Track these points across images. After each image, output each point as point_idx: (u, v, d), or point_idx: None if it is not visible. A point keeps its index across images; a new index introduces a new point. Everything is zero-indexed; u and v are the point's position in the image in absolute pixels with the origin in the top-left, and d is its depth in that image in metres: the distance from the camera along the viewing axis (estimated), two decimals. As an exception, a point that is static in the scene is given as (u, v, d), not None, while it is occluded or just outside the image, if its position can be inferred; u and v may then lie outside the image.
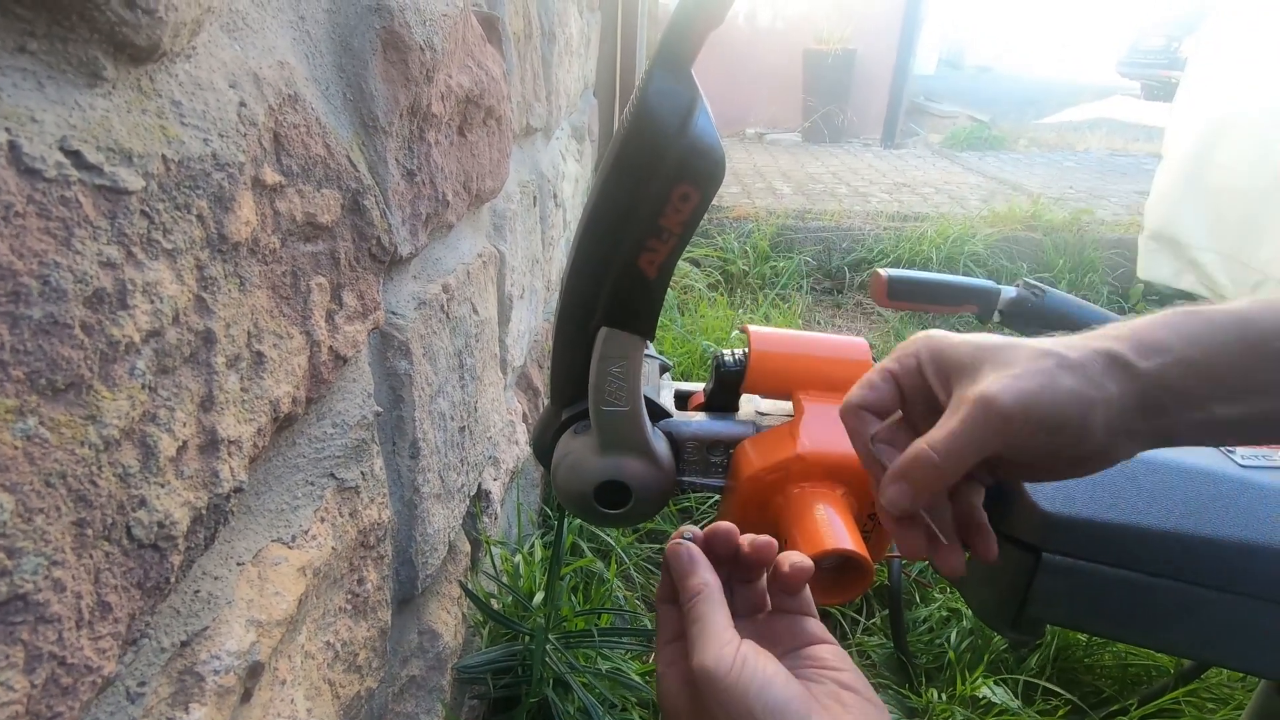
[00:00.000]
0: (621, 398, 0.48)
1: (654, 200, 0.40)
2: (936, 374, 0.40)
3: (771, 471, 0.53)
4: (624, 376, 0.47)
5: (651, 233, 0.41)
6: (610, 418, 0.49)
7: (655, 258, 0.42)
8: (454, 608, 0.76)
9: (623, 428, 0.50)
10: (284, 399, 0.39)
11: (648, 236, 0.42)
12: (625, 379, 0.48)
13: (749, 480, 0.53)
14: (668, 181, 0.40)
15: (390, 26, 0.48)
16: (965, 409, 0.36)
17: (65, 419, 0.25)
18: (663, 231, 0.41)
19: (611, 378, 0.48)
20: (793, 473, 0.52)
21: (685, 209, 0.41)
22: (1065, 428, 0.35)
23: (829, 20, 5.44)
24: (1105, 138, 6.01)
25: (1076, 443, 0.35)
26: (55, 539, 0.24)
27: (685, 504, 1.41)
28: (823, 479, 0.52)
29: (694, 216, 0.41)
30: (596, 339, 0.46)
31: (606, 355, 0.46)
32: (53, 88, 0.24)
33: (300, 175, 0.40)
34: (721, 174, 0.41)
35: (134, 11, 0.26)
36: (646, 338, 0.46)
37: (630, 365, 0.47)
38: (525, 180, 1.06)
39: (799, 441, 0.52)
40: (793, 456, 0.52)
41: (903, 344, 0.43)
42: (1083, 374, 0.35)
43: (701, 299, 2.44)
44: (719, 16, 0.38)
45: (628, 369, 0.47)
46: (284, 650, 0.41)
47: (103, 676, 0.27)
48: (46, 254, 0.24)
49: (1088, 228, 2.99)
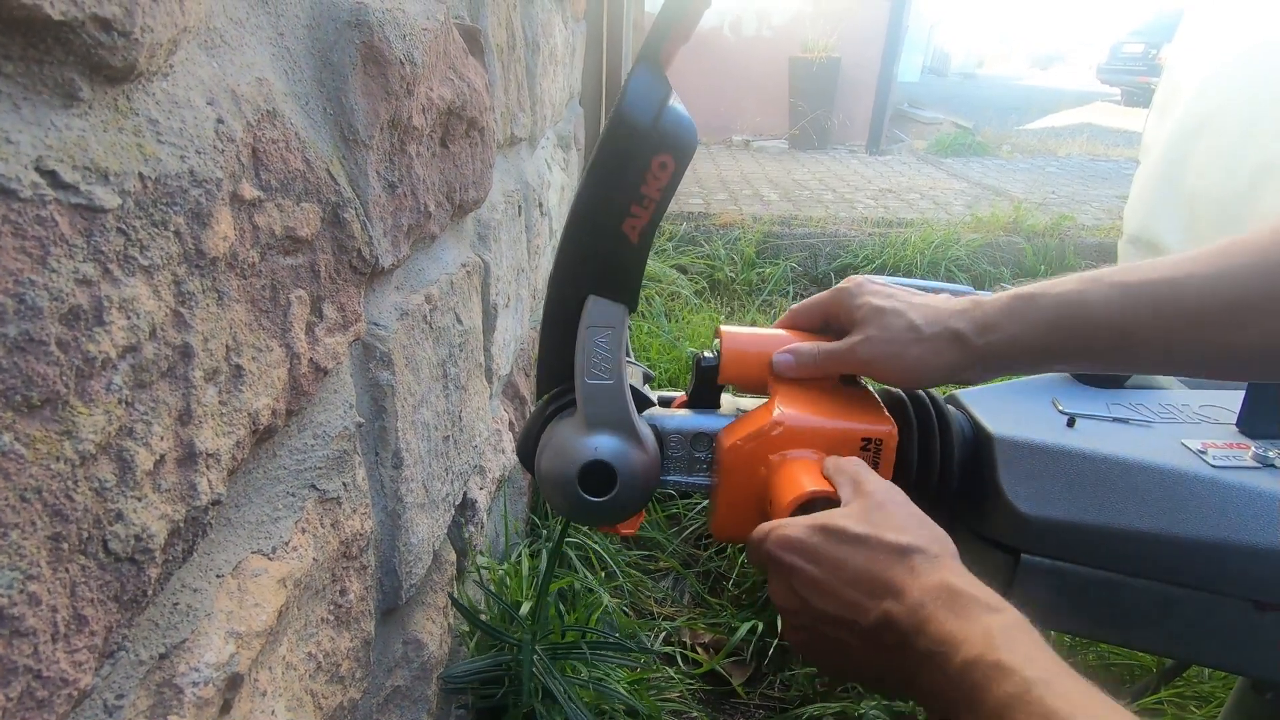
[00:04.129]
0: (606, 369, 0.51)
1: (636, 169, 0.46)
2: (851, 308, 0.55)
3: (751, 440, 0.54)
4: (609, 347, 0.51)
5: (634, 199, 0.47)
6: (595, 390, 0.51)
7: (637, 223, 0.47)
8: (439, 617, 0.76)
9: (608, 401, 0.52)
10: (263, 411, 0.39)
11: (630, 203, 0.47)
12: (610, 349, 0.51)
13: (730, 451, 0.54)
14: (648, 152, 0.45)
15: (370, 41, 0.49)
16: (845, 347, 0.54)
17: (41, 435, 0.25)
18: (644, 198, 0.47)
19: (597, 347, 0.50)
20: (771, 439, 0.54)
21: (664, 176, 0.46)
22: (905, 378, 0.53)
23: (815, 29, 5.49)
24: (1086, 143, 6.10)
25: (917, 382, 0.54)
26: (30, 553, 0.25)
27: (673, 510, 1.41)
28: (801, 445, 0.54)
29: (671, 183, 0.47)
30: (584, 309, 0.50)
31: (593, 324, 0.50)
32: (28, 109, 0.25)
33: (279, 190, 0.40)
34: (694, 145, 0.47)
35: (109, 34, 0.26)
36: (630, 307, 0.51)
37: (615, 335, 0.50)
38: (510, 190, 1.07)
39: (774, 411, 0.54)
40: (771, 422, 0.53)
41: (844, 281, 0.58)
42: (929, 346, 0.51)
43: (688, 306, 2.45)
44: (689, 29, 0.46)
45: (613, 339, 0.50)
46: (264, 661, 0.41)
47: (79, 689, 0.27)
48: (22, 273, 0.24)
49: (1069, 232, 3.03)
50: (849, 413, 0.55)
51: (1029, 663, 0.33)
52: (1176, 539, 0.56)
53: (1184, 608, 0.59)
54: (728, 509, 0.56)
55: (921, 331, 0.51)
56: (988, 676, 0.33)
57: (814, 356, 0.55)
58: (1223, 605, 0.58)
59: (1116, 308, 0.46)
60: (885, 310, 0.52)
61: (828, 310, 0.58)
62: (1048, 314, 0.48)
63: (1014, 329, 0.49)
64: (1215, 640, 0.60)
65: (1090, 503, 0.58)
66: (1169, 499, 0.58)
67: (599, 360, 0.51)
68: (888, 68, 5.57)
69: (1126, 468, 0.59)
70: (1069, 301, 0.47)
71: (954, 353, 0.50)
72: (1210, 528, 0.56)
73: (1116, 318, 0.46)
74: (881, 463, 0.54)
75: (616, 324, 0.50)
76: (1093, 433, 0.61)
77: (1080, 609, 0.62)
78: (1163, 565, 0.58)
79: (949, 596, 0.38)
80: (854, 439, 0.54)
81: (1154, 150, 2.30)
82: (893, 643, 0.39)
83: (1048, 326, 0.48)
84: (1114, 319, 0.46)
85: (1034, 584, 0.60)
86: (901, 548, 0.41)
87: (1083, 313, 0.47)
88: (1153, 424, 0.65)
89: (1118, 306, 0.45)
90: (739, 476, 0.55)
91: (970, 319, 0.50)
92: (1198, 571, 0.57)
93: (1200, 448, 0.61)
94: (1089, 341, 0.47)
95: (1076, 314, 0.47)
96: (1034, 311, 0.48)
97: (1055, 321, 0.47)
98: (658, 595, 1.23)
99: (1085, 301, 0.47)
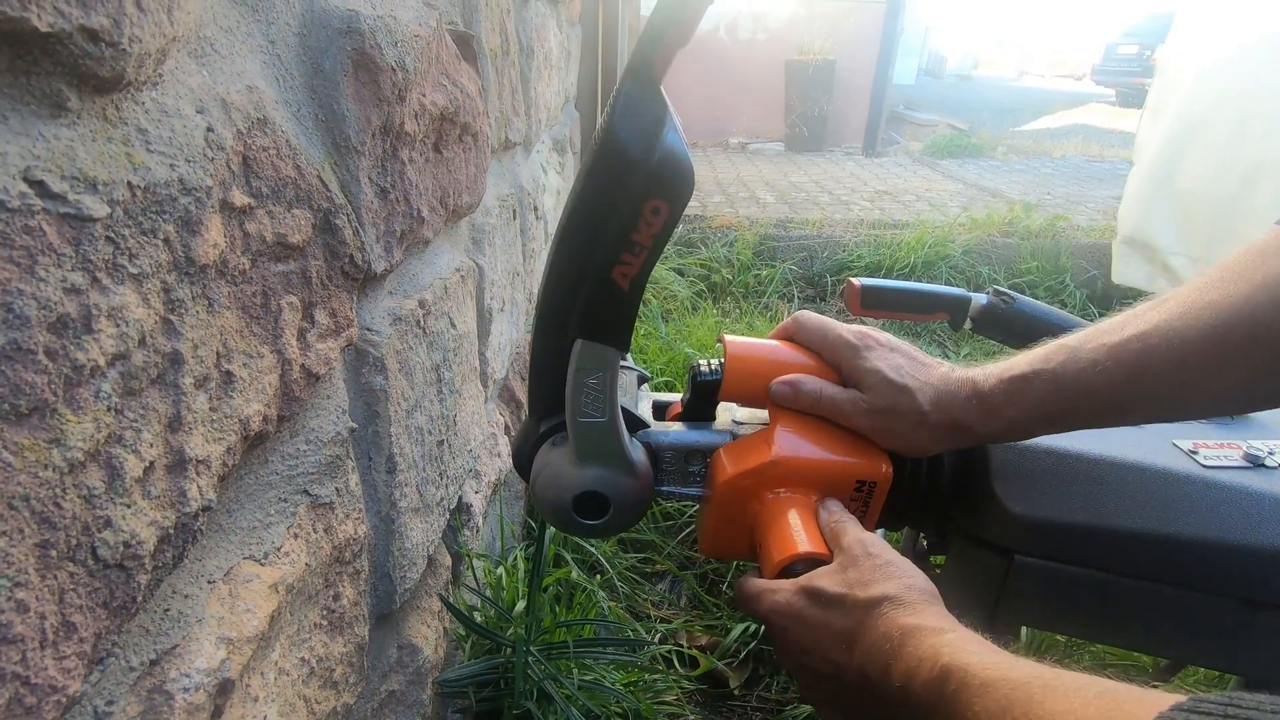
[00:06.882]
0: (598, 409, 0.49)
1: (626, 216, 0.42)
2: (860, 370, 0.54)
3: (746, 477, 0.53)
4: (600, 388, 0.48)
5: (624, 247, 0.42)
6: (587, 429, 0.50)
7: (629, 270, 0.43)
8: (434, 621, 0.77)
9: (600, 439, 0.50)
10: (254, 417, 0.39)
11: (620, 251, 0.43)
12: (601, 390, 0.48)
13: (724, 485, 0.54)
14: (639, 197, 0.41)
15: (361, 48, 0.49)
16: (849, 407, 0.53)
17: (29, 443, 0.25)
18: (635, 245, 0.43)
19: (588, 389, 0.48)
20: (767, 478, 0.53)
21: (656, 222, 0.42)
22: (902, 450, 0.54)
23: (810, 32, 5.51)
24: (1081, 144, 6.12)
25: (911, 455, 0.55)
26: (18, 560, 0.25)
27: (668, 511, 1.41)
28: (796, 484, 0.53)
29: (665, 230, 0.43)
30: (572, 351, 0.47)
31: (582, 367, 0.47)
32: (16, 119, 0.25)
33: (270, 196, 0.40)
34: (690, 187, 0.42)
35: (97, 45, 0.26)
36: (622, 350, 0.47)
37: (606, 377, 0.48)
38: (505, 194, 1.07)
39: (773, 447, 0.53)
40: (767, 462, 0.52)
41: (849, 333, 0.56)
42: (933, 432, 0.52)
43: (685, 308, 2.45)
44: (687, 34, 0.40)
45: (604, 380, 0.48)
46: (256, 667, 0.41)
47: (68, 696, 0.27)
48: (10, 282, 0.24)
49: (1064, 233, 3.04)
50: (846, 448, 0.54)
51: (969, 655, 0.35)
52: (1168, 539, 0.57)
53: (1176, 607, 0.59)
54: (719, 533, 0.56)
55: (928, 418, 0.51)
56: (941, 683, 0.35)
57: (814, 400, 0.54)
58: (1215, 605, 0.58)
59: (1107, 370, 0.47)
60: (896, 387, 0.52)
61: (835, 356, 0.56)
62: (1045, 394, 0.49)
63: (1013, 413, 0.50)
64: (1208, 639, 0.60)
65: (1082, 503, 0.58)
66: (1161, 499, 0.58)
67: (590, 401, 0.49)
68: (883, 70, 5.59)
69: (1118, 468, 0.59)
70: (1063, 376, 0.48)
71: (956, 439, 0.52)
72: (1202, 527, 0.56)
73: (1109, 382, 0.47)
74: (874, 500, 0.54)
75: (607, 367, 0.47)
76: (1085, 433, 0.62)
77: (1073, 609, 0.62)
78: (1155, 565, 0.58)
79: (902, 635, 0.39)
80: (849, 479, 0.53)
81: (1147, 151, 2.31)
82: (874, 693, 0.41)
83: (1044, 404, 0.49)
84: (1107, 384, 0.47)
85: (1027, 585, 0.60)
86: (871, 601, 0.42)
87: (1076, 384, 0.48)
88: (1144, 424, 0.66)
89: (1108, 368, 0.47)
90: (733, 508, 0.54)
91: (973, 410, 0.51)
92: (1190, 571, 0.57)
93: (1191, 448, 0.61)
94: (1083, 410, 0.49)
95: (1071, 387, 0.48)
96: (1031, 393, 0.49)
97: (1052, 398, 0.49)
98: (654, 598, 1.23)
99: (1078, 372, 0.48)
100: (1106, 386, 0.47)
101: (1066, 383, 0.48)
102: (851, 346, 0.55)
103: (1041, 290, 2.74)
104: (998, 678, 0.32)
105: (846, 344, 0.55)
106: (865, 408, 0.53)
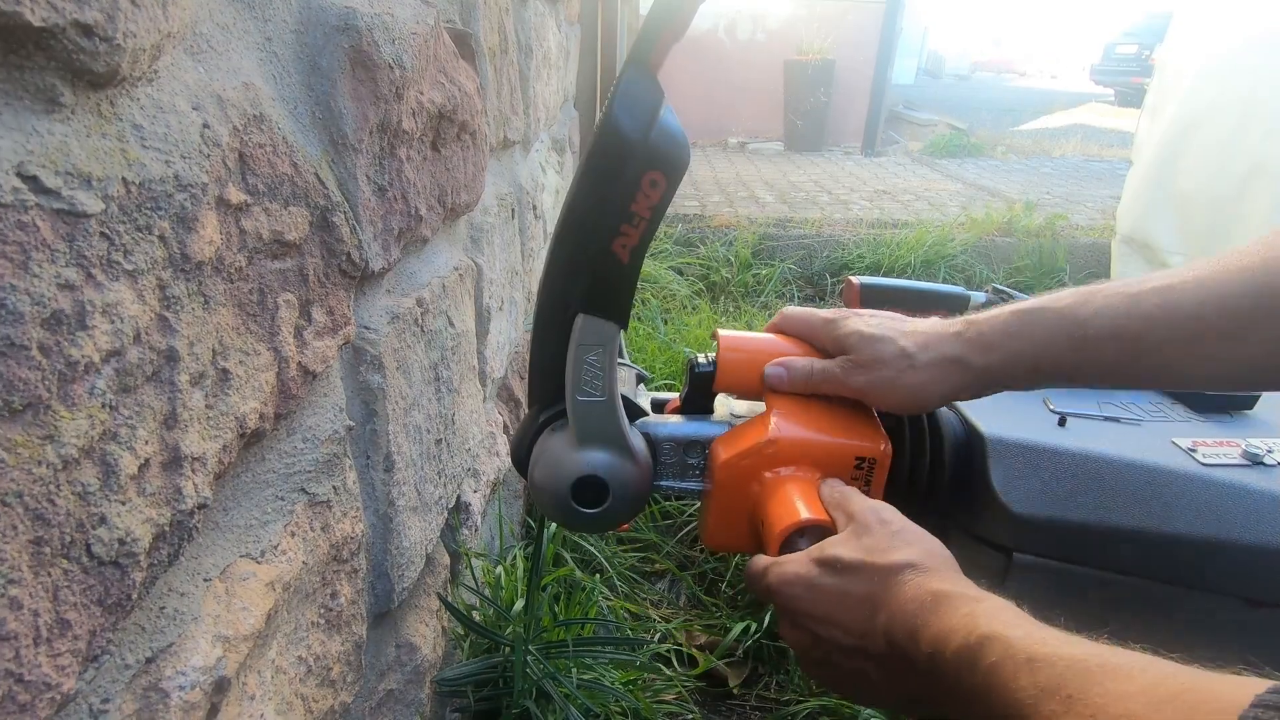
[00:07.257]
0: (597, 387, 0.50)
1: (626, 187, 0.44)
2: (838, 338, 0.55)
3: (745, 457, 0.53)
4: (600, 365, 0.49)
5: (624, 219, 0.45)
6: (587, 408, 0.50)
7: (628, 242, 0.46)
8: (432, 620, 0.76)
9: (599, 418, 0.51)
10: (251, 415, 0.39)
11: (620, 222, 0.45)
12: (601, 368, 0.49)
13: (723, 468, 0.54)
14: (638, 169, 0.44)
15: (358, 45, 0.49)
16: (839, 371, 0.54)
17: (22, 439, 0.25)
18: (634, 217, 0.45)
19: (588, 366, 0.49)
20: (765, 457, 0.53)
21: (654, 194, 0.44)
22: (902, 405, 0.53)
23: (809, 32, 5.51)
24: (1080, 144, 6.12)
25: (913, 408, 0.54)
26: (11, 557, 0.25)
27: (667, 510, 1.41)
28: (795, 462, 0.53)
29: (662, 201, 0.45)
30: (574, 327, 0.48)
31: (583, 342, 0.48)
32: (10, 115, 0.25)
33: (266, 194, 0.40)
34: (686, 161, 0.45)
35: (91, 40, 0.26)
36: (621, 325, 0.49)
37: (606, 353, 0.49)
38: (503, 193, 1.07)
39: (770, 427, 0.53)
40: (764, 440, 0.53)
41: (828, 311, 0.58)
42: (926, 373, 0.50)
43: (684, 307, 2.45)
44: (682, 28, 0.43)
45: (604, 357, 0.49)
46: (253, 665, 0.41)
47: (62, 693, 0.27)
48: (3, 278, 0.24)
49: (1063, 232, 3.04)
50: (844, 428, 0.54)
51: (1010, 627, 0.34)
52: (1167, 537, 0.57)
53: (1175, 605, 0.59)
54: (720, 521, 0.56)
55: (915, 359, 0.51)
56: (977, 652, 0.34)
57: (807, 374, 0.55)
58: (1214, 603, 0.58)
59: (1122, 316, 0.45)
60: (873, 338, 0.52)
61: (818, 335, 0.58)
62: (1051, 328, 0.47)
63: (1015, 346, 0.48)
64: (1206, 637, 0.60)
65: (1082, 501, 0.58)
66: (1160, 497, 0.58)
67: (590, 378, 0.50)
68: (882, 70, 5.59)
69: (1117, 466, 0.59)
70: (1073, 313, 0.47)
71: (953, 378, 0.50)
72: (1201, 525, 0.56)
73: (1120, 326, 0.45)
74: (875, 478, 0.54)
75: (607, 342, 0.49)
76: (1084, 431, 0.62)
77: (1072, 607, 0.62)
78: (1154, 563, 0.58)
79: (934, 601, 0.38)
80: (848, 457, 0.53)
81: (1146, 151, 2.31)
82: (901, 661, 0.40)
83: (1050, 341, 0.47)
84: (1118, 328, 0.45)
85: (1026, 583, 0.60)
86: (893, 566, 0.41)
87: (1087, 323, 0.46)
88: (1143, 422, 0.66)
89: (1123, 314, 0.45)
90: (732, 492, 0.54)
91: (968, 342, 0.50)
92: (1189, 569, 0.57)
93: (1190, 446, 0.61)
94: (1092, 354, 0.47)
95: (1081, 325, 0.46)
96: (1036, 327, 0.48)
97: (1059, 335, 0.47)
98: (654, 597, 1.23)
99: (1089, 311, 0.46)
100: (1125, 331, 0.45)
101: (1080, 320, 0.46)
102: (831, 321, 0.56)
103: (1040, 289, 2.73)
104: (1049, 654, 0.31)
105: (826, 321, 0.57)
106: (852, 367, 0.53)
